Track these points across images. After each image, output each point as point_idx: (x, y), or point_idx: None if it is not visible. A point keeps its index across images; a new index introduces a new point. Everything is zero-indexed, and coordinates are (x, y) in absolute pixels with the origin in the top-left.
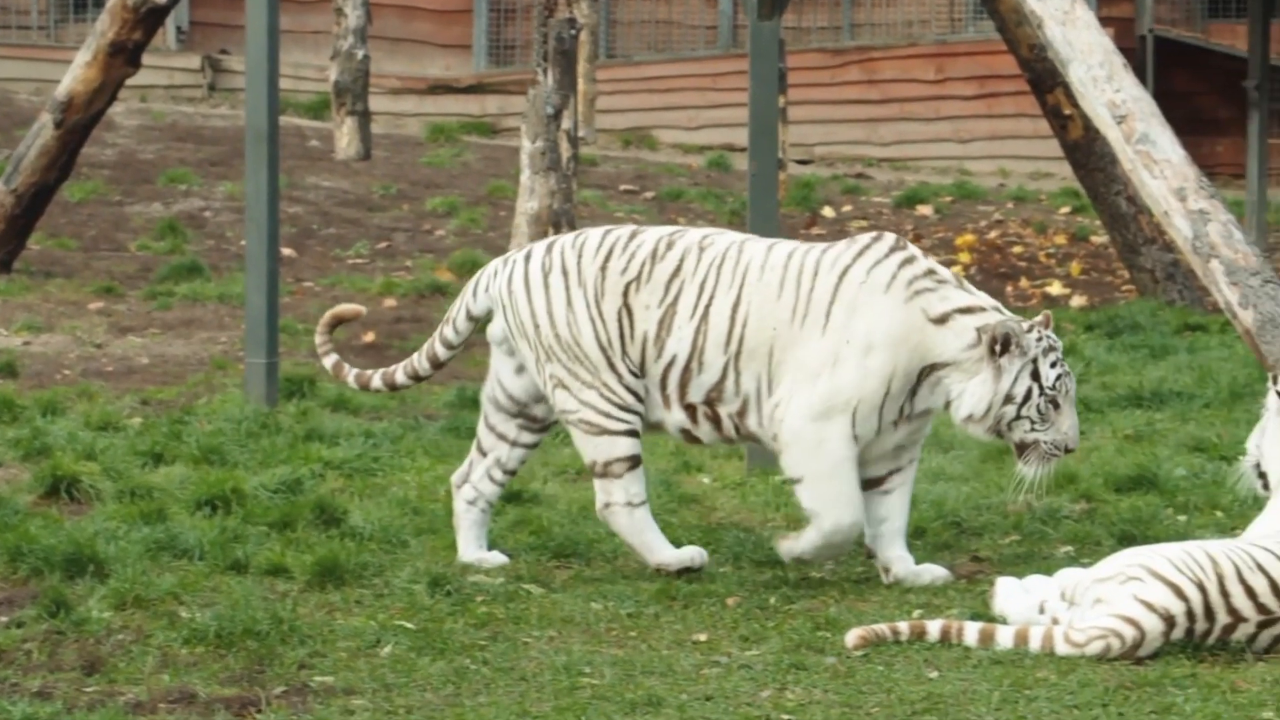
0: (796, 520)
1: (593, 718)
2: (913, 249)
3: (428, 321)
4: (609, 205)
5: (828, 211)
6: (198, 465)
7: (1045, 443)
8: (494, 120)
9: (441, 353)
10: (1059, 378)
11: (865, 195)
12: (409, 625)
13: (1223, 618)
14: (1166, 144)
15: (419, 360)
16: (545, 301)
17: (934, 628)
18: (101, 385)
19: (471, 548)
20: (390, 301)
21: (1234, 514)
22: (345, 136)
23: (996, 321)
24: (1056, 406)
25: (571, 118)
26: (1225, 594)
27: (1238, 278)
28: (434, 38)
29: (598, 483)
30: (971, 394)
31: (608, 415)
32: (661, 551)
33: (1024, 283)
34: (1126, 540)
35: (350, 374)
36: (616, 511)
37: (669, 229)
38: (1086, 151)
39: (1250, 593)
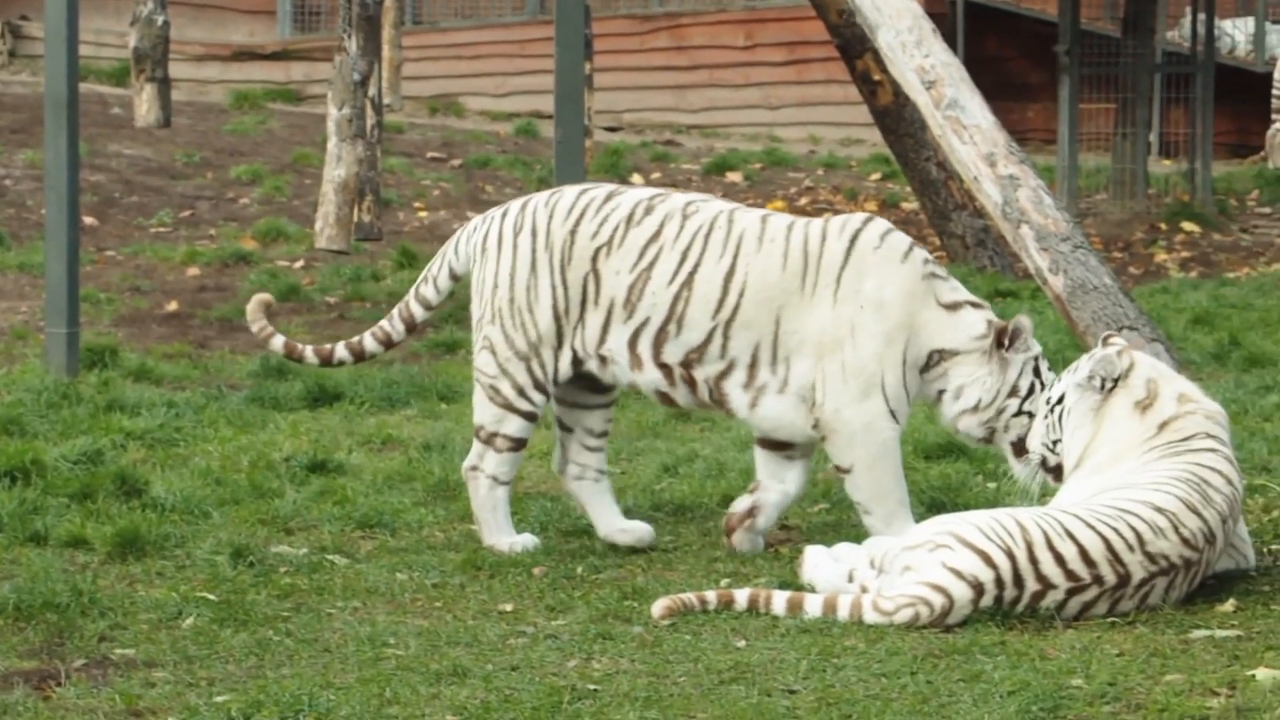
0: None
1: (397, 689)
2: None
3: (231, 290)
4: (415, 173)
5: (636, 179)
6: None
7: None
8: (299, 87)
9: (419, 313)
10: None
11: (674, 162)
12: (211, 597)
13: (1032, 585)
14: (976, 109)
15: (391, 324)
16: (511, 263)
17: (741, 597)
18: None
19: (606, 518)
20: (194, 270)
21: None
22: (145, 104)
23: (1009, 320)
24: None
25: (377, 85)
26: (1034, 561)
27: (1048, 243)
28: (237, 4)
29: (476, 444)
30: (980, 383)
31: (521, 393)
32: (499, 535)
33: None
34: (936, 507)
35: (307, 350)
36: (480, 479)
37: (649, 191)
38: (896, 117)
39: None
